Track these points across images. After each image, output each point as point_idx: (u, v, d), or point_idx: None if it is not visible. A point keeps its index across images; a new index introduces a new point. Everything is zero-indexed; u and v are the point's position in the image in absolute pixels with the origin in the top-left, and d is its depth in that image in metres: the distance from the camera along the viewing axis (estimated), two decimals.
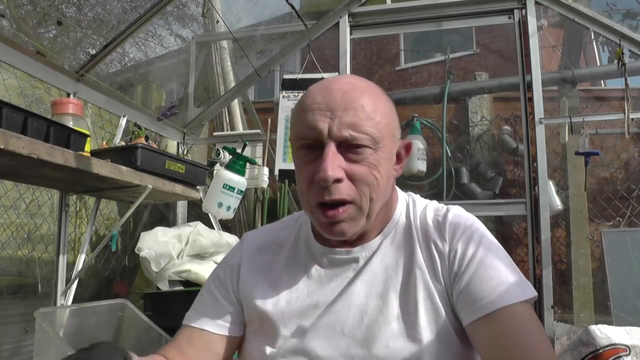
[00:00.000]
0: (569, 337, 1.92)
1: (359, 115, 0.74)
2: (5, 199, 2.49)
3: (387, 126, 0.77)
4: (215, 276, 0.93)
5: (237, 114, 3.43)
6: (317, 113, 0.75)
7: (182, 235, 2.16)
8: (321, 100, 0.75)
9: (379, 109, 0.76)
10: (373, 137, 0.74)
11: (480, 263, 0.77)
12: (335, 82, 0.78)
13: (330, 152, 0.74)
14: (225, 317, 0.88)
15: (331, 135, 0.74)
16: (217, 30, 3.49)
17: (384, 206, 0.81)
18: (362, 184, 0.75)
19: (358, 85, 0.77)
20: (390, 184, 0.81)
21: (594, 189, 3.38)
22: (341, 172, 0.74)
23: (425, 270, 0.79)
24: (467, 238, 0.79)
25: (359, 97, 0.75)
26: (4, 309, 2.39)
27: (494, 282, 0.75)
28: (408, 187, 3.70)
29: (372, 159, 0.75)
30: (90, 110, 2.59)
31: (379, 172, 0.76)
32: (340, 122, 0.73)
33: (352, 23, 2.40)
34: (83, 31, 4.52)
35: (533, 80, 2.16)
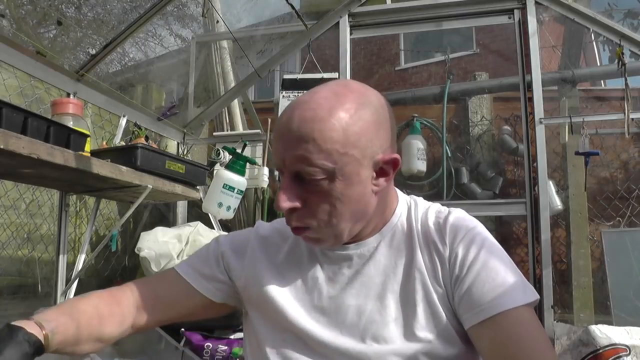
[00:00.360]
0: (569, 337, 1.92)
1: (309, 149, 0.72)
2: (5, 199, 2.50)
3: (347, 154, 0.73)
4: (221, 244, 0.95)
5: (237, 114, 3.43)
6: (278, 142, 0.76)
7: (182, 235, 2.16)
8: (282, 128, 0.75)
9: (337, 139, 0.72)
10: (325, 169, 0.72)
11: (482, 266, 0.77)
12: (301, 106, 0.75)
13: (286, 183, 0.75)
14: (211, 279, 0.91)
15: (285, 166, 0.75)
16: (217, 30, 3.49)
17: (362, 220, 0.80)
18: (319, 213, 0.76)
19: (321, 110, 0.73)
20: (364, 203, 0.78)
21: (594, 189, 3.38)
22: (295, 202, 0.75)
23: (425, 273, 0.80)
24: (469, 241, 0.79)
25: (314, 129, 0.72)
26: (4, 309, 2.40)
27: (495, 285, 0.75)
28: (408, 187, 3.70)
29: (329, 188, 0.74)
30: (90, 110, 2.59)
31: (338, 200, 0.75)
32: (291, 156, 0.73)
33: (352, 23, 2.40)
34: (83, 31, 4.52)
35: (533, 80, 2.16)
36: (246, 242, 0.93)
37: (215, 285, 0.91)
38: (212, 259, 0.93)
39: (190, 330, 1.79)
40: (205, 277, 0.91)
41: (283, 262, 0.89)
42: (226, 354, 1.73)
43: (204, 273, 0.92)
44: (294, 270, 0.87)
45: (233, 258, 0.92)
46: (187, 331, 1.78)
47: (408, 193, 0.94)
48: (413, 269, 0.80)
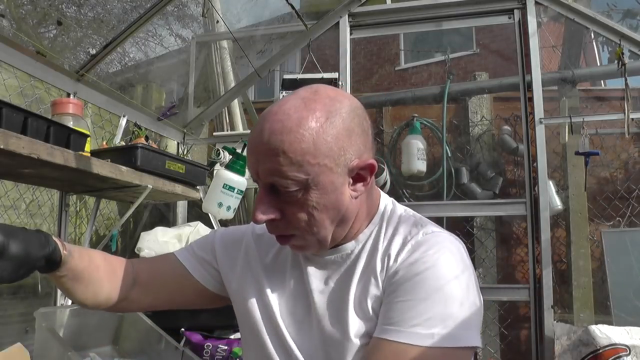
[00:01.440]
0: (569, 337, 1.92)
1: (280, 162, 0.71)
2: (5, 199, 2.49)
3: (319, 164, 0.72)
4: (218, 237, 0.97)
5: (237, 114, 3.43)
6: (250, 155, 0.76)
7: (182, 235, 2.16)
8: (253, 141, 0.75)
9: (307, 150, 0.71)
10: (298, 181, 0.72)
11: (408, 291, 0.74)
12: (271, 117, 0.74)
13: (261, 194, 0.76)
14: (206, 267, 0.94)
15: (259, 178, 0.75)
16: (217, 30, 3.49)
17: (345, 224, 0.80)
18: (297, 222, 0.76)
19: (290, 121, 0.72)
20: (343, 209, 0.77)
21: (594, 189, 3.37)
22: (273, 214, 0.76)
23: (378, 277, 0.79)
24: (415, 263, 0.76)
25: (283, 141, 0.71)
26: (4, 309, 2.39)
27: (405, 315, 0.73)
28: (408, 187, 3.70)
29: (304, 198, 0.74)
30: (90, 110, 2.59)
31: (314, 209, 0.75)
32: (264, 169, 0.73)
33: (352, 23, 2.40)
34: (83, 31, 4.52)
35: (533, 80, 2.16)
36: (241, 237, 0.96)
37: (210, 272, 0.94)
38: (209, 248, 0.96)
39: (190, 330, 1.78)
40: (201, 264, 0.94)
41: (271, 263, 0.90)
42: (226, 354, 1.73)
43: (200, 259, 0.95)
44: (278, 274, 0.89)
45: (226, 251, 0.95)
46: (187, 331, 1.78)
47: (408, 193, 0.94)
48: (369, 275, 0.80)
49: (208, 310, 1.79)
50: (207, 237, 0.99)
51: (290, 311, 0.84)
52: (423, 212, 0.92)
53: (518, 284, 3.33)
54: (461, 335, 0.72)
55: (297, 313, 0.84)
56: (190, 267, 0.94)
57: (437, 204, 2.64)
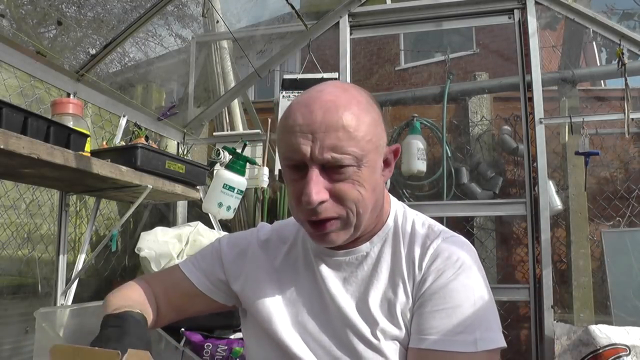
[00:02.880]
0: (569, 337, 1.92)
1: (340, 137, 0.73)
2: (5, 199, 2.49)
3: (370, 141, 0.76)
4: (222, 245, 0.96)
5: (237, 114, 3.43)
6: (299, 136, 0.74)
7: (182, 235, 2.16)
8: (302, 121, 0.74)
9: (362, 126, 0.75)
10: (355, 156, 0.74)
11: (444, 299, 0.76)
12: (316, 99, 0.75)
13: (314, 175, 0.74)
14: (213, 280, 0.94)
15: (314, 158, 0.74)
16: (217, 30, 3.49)
17: (373, 214, 0.81)
18: (347, 201, 0.76)
19: (340, 100, 0.75)
20: (378, 192, 0.80)
21: (594, 189, 3.37)
22: (325, 194, 0.75)
23: (407, 283, 0.81)
24: (443, 271, 0.78)
25: (341, 116, 0.73)
26: (4, 309, 2.39)
27: (447, 324, 0.75)
28: (408, 187, 3.70)
29: (356, 176, 0.75)
30: (90, 110, 2.58)
31: (363, 187, 0.76)
32: (321, 146, 0.73)
33: (352, 23, 2.40)
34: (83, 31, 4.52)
35: (533, 80, 2.16)
36: (247, 246, 0.94)
37: (217, 285, 0.93)
38: (214, 260, 0.95)
39: (190, 330, 1.78)
40: (208, 278, 0.94)
41: (280, 266, 0.90)
42: (226, 354, 1.73)
43: (206, 273, 0.94)
44: (291, 276, 0.88)
45: (232, 261, 0.93)
46: (187, 331, 1.78)
47: (408, 193, 0.95)
48: (397, 279, 0.81)
49: None
50: (212, 247, 0.98)
51: (306, 311, 0.84)
52: (423, 212, 0.92)
53: (518, 284, 3.33)
54: (496, 338, 0.76)
55: (313, 312, 0.84)
56: (197, 282, 0.93)
57: (437, 204, 2.64)
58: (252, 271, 0.91)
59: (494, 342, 0.75)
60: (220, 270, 0.94)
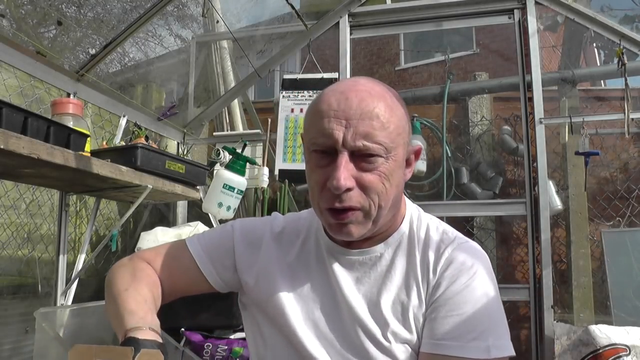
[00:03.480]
0: (569, 337, 1.91)
1: (374, 125, 0.73)
2: (5, 199, 2.49)
3: (399, 135, 0.77)
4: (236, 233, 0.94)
5: (237, 114, 3.42)
6: (332, 121, 0.74)
7: (182, 235, 2.16)
8: (337, 107, 0.74)
9: (393, 118, 0.76)
10: (385, 147, 0.74)
11: (457, 305, 0.77)
12: (352, 88, 0.76)
13: (344, 161, 0.74)
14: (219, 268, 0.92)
15: (345, 144, 0.74)
16: (217, 30, 3.49)
17: (391, 212, 0.81)
18: (371, 192, 0.75)
19: (374, 91, 0.76)
20: (399, 190, 0.80)
21: (594, 189, 3.37)
22: (352, 182, 0.75)
23: (421, 287, 0.81)
24: (457, 277, 0.79)
25: (375, 106, 0.74)
26: (4, 309, 2.39)
27: (461, 330, 0.75)
28: (408, 187, 3.70)
29: (383, 167, 0.75)
30: (90, 110, 2.58)
31: (388, 181, 0.76)
32: (355, 132, 0.73)
33: (352, 23, 2.40)
34: (83, 31, 4.52)
35: (533, 80, 2.16)
36: (261, 237, 0.93)
37: (222, 275, 0.92)
38: (226, 248, 0.93)
39: (190, 330, 1.78)
40: (215, 267, 0.92)
41: (294, 261, 0.89)
42: (226, 354, 1.73)
43: (214, 262, 0.92)
44: (303, 271, 0.88)
45: (245, 252, 0.92)
46: (187, 331, 1.78)
47: (408, 193, 0.95)
48: (411, 282, 0.81)
49: (208, 310, 1.79)
50: (225, 232, 0.95)
51: (318, 308, 0.84)
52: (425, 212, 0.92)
53: (518, 284, 3.33)
54: (508, 346, 0.76)
55: (324, 310, 0.84)
56: (204, 270, 0.92)
57: (437, 204, 2.64)
58: (266, 264, 0.90)
59: (506, 349, 0.75)
60: (230, 261, 0.92)
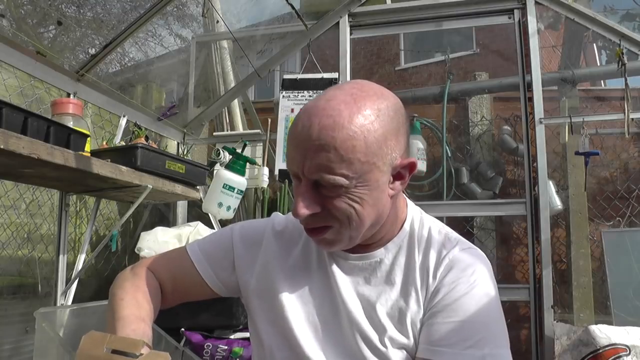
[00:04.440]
0: (569, 337, 1.91)
1: (331, 158, 0.70)
2: (5, 199, 2.49)
3: (367, 162, 0.72)
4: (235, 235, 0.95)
5: (237, 114, 3.42)
6: (294, 149, 0.73)
7: (182, 235, 2.16)
8: (300, 134, 0.72)
9: (359, 148, 0.70)
10: (346, 177, 0.71)
11: (455, 311, 0.76)
12: (319, 112, 0.72)
13: (303, 189, 0.74)
14: (219, 272, 0.92)
15: (304, 174, 0.73)
16: (217, 30, 3.48)
17: (377, 224, 0.80)
18: (340, 215, 0.75)
19: (343, 114, 0.71)
20: (380, 207, 0.77)
21: (594, 189, 3.37)
22: (315, 208, 0.75)
23: (419, 293, 0.80)
24: (456, 283, 0.78)
25: (336, 138, 0.69)
26: (4, 309, 2.39)
27: (457, 337, 0.74)
28: (408, 187, 3.69)
29: (350, 193, 0.73)
30: (90, 110, 2.58)
31: (357, 204, 0.74)
32: (311, 164, 0.71)
33: (352, 23, 2.40)
34: (83, 31, 4.52)
35: (533, 80, 2.16)
36: (261, 235, 0.93)
37: (221, 278, 0.92)
38: (225, 251, 0.93)
39: (190, 330, 1.78)
40: (215, 271, 0.92)
41: (295, 262, 0.89)
42: (226, 354, 1.73)
43: (214, 266, 0.92)
44: (305, 273, 0.87)
45: (245, 255, 0.92)
46: (187, 331, 1.78)
47: (408, 193, 0.95)
48: (410, 288, 0.81)
49: (208, 310, 1.79)
50: (224, 237, 0.95)
51: (317, 312, 0.84)
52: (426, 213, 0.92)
53: (518, 284, 3.33)
54: (505, 355, 0.75)
55: (323, 314, 0.83)
56: (204, 274, 0.92)
57: (437, 204, 2.64)
58: (267, 261, 0.89)
59: (503, 359, 0.74)
60: (228, 262, 0.92)
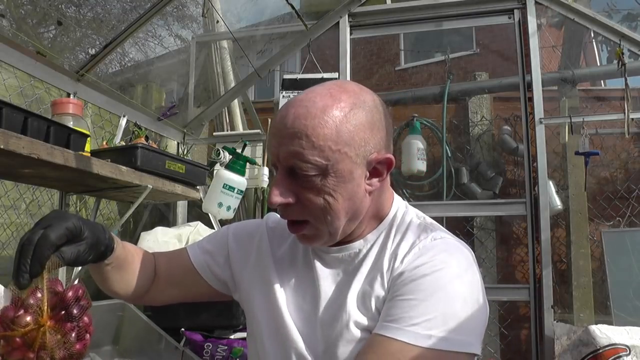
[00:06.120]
0: (569, 337, 1.92)
1: (303, 145, 0.73)
2: (5, 199, 2.49)
3: (339, 152, 0.74)
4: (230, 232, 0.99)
5: (237, 114, 3.43)
6: (272, 139, 0.77)
7: (182, 235, 2.16)
8: (276, 125, 0.77)
9: (330, 136, 0.73)
10: (318, 166, 0.74)
11: (411, 291, 0.74)
12: (296, 103, 0.76)
13: (278, 178, 0.77)
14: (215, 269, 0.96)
15: (279, 161, 0.76)
16: (217, 30, 3.49)
17: (355, 219, 0.81)
18: (313, 207, 0.77)
19: (315, 107, 0.74)
20: (357, 201, 0.78)
21: (594, 189, 3.37)
22: (288, 197, 0.77)
23: (384, 276, 0.80)
24: (421, 266, 0.76)
25: (307, 125, 0.73)
26: None
27: (406, 314, 0.72)
28: (408, 187, 3.70)
29: (322, 184, 0.75)
30: (90, 110, 2.58)
31: (330, 196, 0.76)
32: (285, 151, 0.75)
33: (352, 23, 2.40)
34: (83, 31, 4.52)
35: (533, 80, 2.16)
36: (255, 230, 0.97)
37: (216, 272, 0.96)
38: (222, 244, 0.97)
39: (190, 330, 1.79)
40: (208, 263, 0.96)
41: (283, 256, 0.91)
42: (226, 354, 1.73)
43: (209, 258, 0.96)
44: (291, 268, 0.90)
45: (239, 248, 0.95)
46: (187, 331, 1.78)
47: (408, 193, 0.95)
48: (376, 273, 0.81)
49: (208, 310, 1.79)
50: (220, 233, 1.00)
51: (298, 305, 0.85)
52: (423, 212, 0.92)
53: (518, 284, 3.33)
54: (460, 341, 0.71)
55: (304, 307, 0.84)
56: (198, 267, 0.96)
57: (437, 204, 2.64)
58: (260, 254, 0.92)
59: (455, 344, 0.71)
60: (224, 260, 0.95)
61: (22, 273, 0.69)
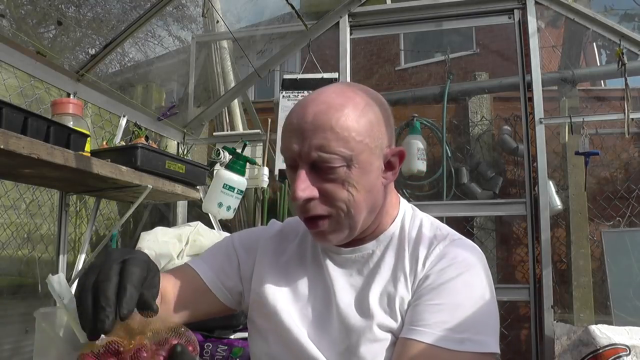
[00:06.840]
0: (569, 337, 1.91)
1: (328, 137, 0.74)
2: (5, 199, 2.49)
3: (361, 142, 0.76)
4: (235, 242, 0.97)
5: (237, 114, 3.43)
6: (290, 136, 0.78)
7: (182, 235, 2.16)
8: (295, 122, 0.77)
9: (352, 127, 0.76)
10: (343, 157, 0.75)
11: (440, 295, 0.76)
12: (312, 101, 0.78)
13: (302, 174, 0.77)
14: (225, 282, 0.93)
15: (302, 157, 0.76)
16: (217, 30, 3.49)
17: (371, 215, 0.82)
18: (336, 200, 0.77)
19: (334, 103, 0.77)
20: (375, 194, 0.80)
21: (594, 189, 3.38)
22: (313, 192, 0.77)
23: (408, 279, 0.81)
24: (446, 269, 0.78)
25: (330, 118, 0.75)
26: (4, 309, 2.39)
27: (437, 318, 0.74)
28: (408, 187, 3.70)
29: (346, 176, 0.76)
30: (90, 110, 2.58)
31: (354, 188, 0.77)
32: (309, 145, 0.75)
33: (352, 23, 2.40)
34: (83, 31, 4.52)
35: (533, 80, 2.16)
36: (258, 237, 0.96)
37: (229, 288, 0.93)
38: (227, 256, 0.95)
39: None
40: (217, 274, 0.93)
41: (289, 259, 0.91)
42: (226, 354, 1.73)
43: (215, 270, 0.93)
44: (299, 269, 0.89)
45: (247, 258, 0.94)
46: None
47: (408, 193, 0.95)
48: (399, 274, 0.82)
49: None
50: (225, 244, 0.97)
51: (311, 305, 0.85)
52: (423, 212, 0.93)
53: (518, 284, 3.33)
54: (488, 342, 0.74)
55: (316, 307, 0.84)
56: (210, 284, 0.92)
57: (437, 204, 2.64)
58: (262, 262, 0.92)
59: (484, 346, 0.74)
60: (234, 272, 0.93)
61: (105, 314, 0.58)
